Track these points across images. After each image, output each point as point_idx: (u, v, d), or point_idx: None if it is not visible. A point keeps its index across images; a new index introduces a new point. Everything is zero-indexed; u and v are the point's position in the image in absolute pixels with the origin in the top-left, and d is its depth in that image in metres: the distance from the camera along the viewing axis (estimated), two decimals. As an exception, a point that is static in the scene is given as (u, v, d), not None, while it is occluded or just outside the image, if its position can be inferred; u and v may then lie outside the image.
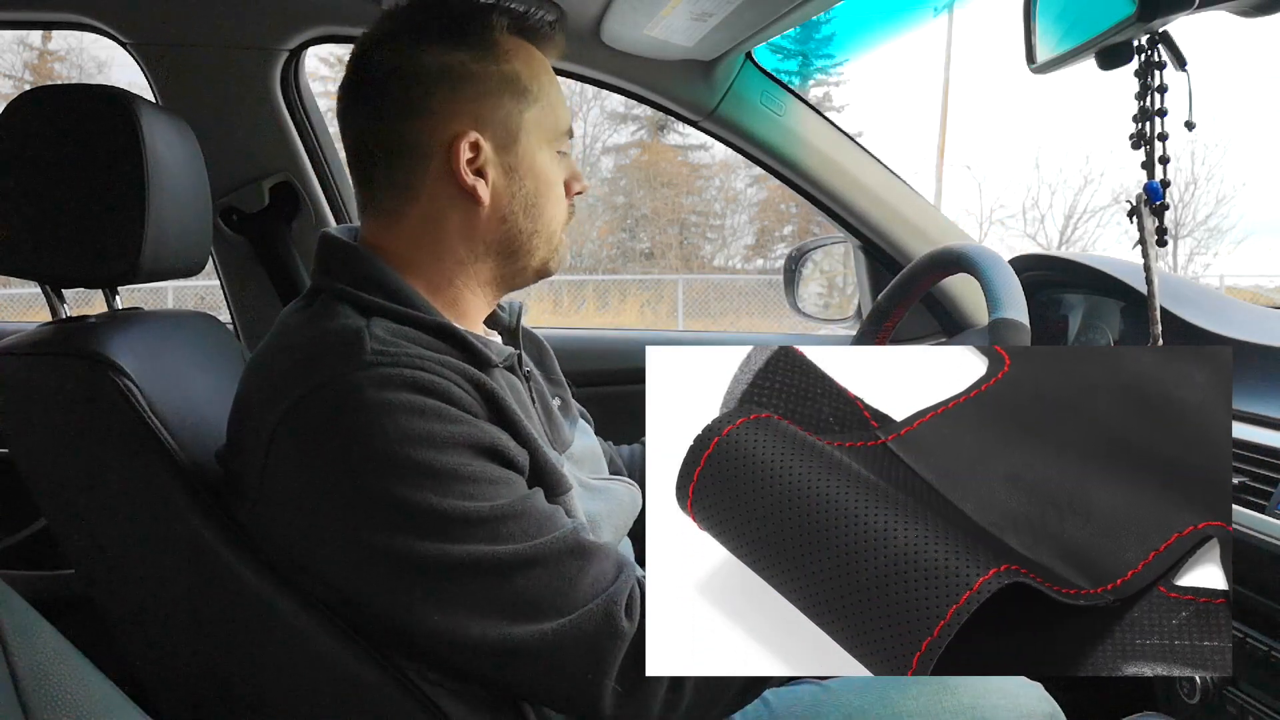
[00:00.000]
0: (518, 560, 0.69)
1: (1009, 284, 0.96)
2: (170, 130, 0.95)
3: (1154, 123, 0.83)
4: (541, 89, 0.84)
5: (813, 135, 1.54)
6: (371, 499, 0.69)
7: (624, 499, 0.92)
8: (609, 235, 15.78)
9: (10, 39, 11.94)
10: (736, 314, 11.81)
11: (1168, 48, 0.81)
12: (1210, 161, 15.86)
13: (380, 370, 0.70)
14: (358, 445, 0.69)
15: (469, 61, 0.80)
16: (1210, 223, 13.75)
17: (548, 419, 0.88)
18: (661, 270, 14.44)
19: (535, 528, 0.71)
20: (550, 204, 0.85)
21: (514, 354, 0.83)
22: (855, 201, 1.57)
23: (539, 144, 0.84)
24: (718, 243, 16.42)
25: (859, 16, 14.57)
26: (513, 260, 0.85)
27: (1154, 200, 0.87)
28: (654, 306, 12.49)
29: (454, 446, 0.70)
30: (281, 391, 0.73)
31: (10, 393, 0.89)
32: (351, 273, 0.80)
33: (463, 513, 0.69)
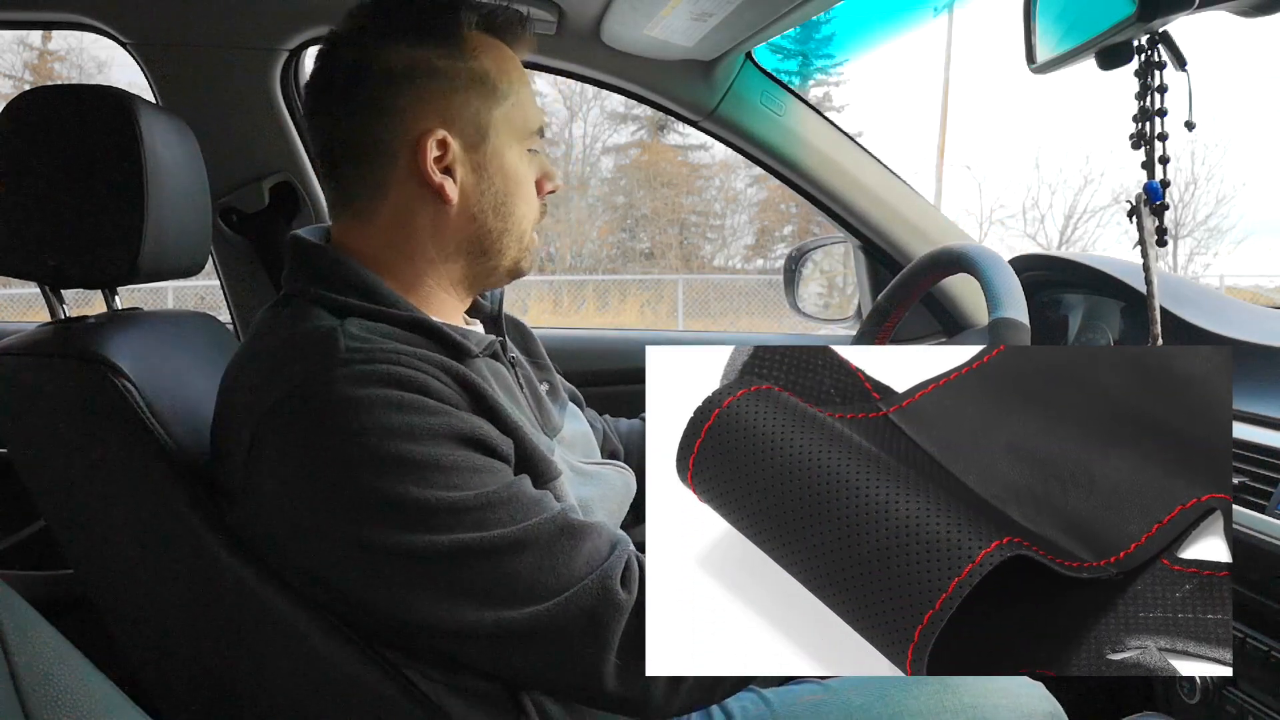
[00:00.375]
0: (507, 544, 0.69)
1: (1009, 284, 0.96)
2: (170, 130, 0.95)
3: (1154, 123, 0.83)
4: (511, 86, 0.83)
5: (813, 135, 1.54)
6: (355, 495, 0.69)
7: (616, 483, 0.92)
8: (609, 235, 15.77)
9: (10, 39, 11.95)
10: (736, 314, 11.81)
11: (1168, 48, 0.81)
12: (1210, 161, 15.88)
13: (355, 368, 0.70)
14: (337, 443, 0.69)
15: (436, 59, 0.80)
16: (1210, 223, 13.77)
17: (536, 404, 0.88)
18: (661, 270, 14.44)
19: (523, 512, 0.71)
20: (520, 202, 0.85)
21: (495, 341, 0.83)
22: (855, 201, 1.57)
23: (508, 142, 0.83)
24: (718, 243, 16.43)
25: (859, 16, 14.59)
26: (484, 259, 0.85)
27: (1154, 200, 0.87)
28: (654, 306, 12.49)
29: (434, 437, 0.70)
30: (259, 395, 0.73)
31: (10, 393, 0.89)
32: (323, 274, 0.79)
33: (449, 502, 0.69)
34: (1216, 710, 0.84)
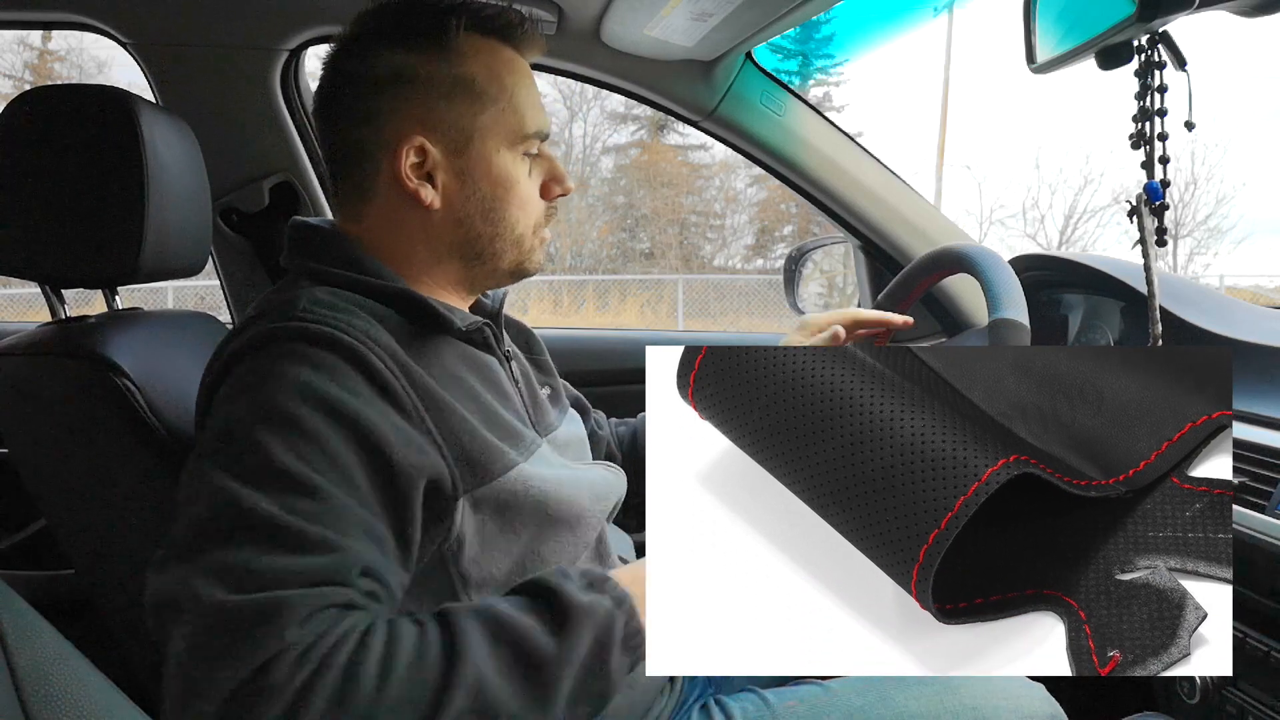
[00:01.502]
0: (267, 527, 0.59)
1: (1009, 284, 0.96)
2: (170, 130, 0.95)
3: (1154, 123, 0.83)
4: (503, 89, 0.82)
5: (813, 135, 1.54)
6: (232, 425, 0.65)
7: (602, 480, 0.90)
8: (609, 235, 15.77)
9: (10, 39, 11.96)
10: (736, 314, 11.81)
11: (1168, 48, 0.81)
12: (1210, 161, 15.93)
13: (298, 325, 0.69)
14: (253, 388, 0.67)
15: (420, 65, 0.80)
16: (1210, 223, 13.78)
17: (532, 401, 0.88)
18: (661, 270, 14.44)
19: (320, 525, 0.61)
20: (511, 207, 0.83)
21: (479, 322, 0.81)
22: (855, 201, 1.57)
23: (496, 147, 0.82)
24: (718, 243, 16.44)
25: (859, 16, 14.59)
26: (478, 263, 0.85)
27: (1154, 200, 0.87)
28: (654, 306, 12.49)
29: (330, 413, 0.65)
30: (219, 355, 0.73)
31: (10, 393, 0.89)
32: (315, 249, 0.81)
33: (291, 473, 0.62)
34: (1216, 710, 0.84)
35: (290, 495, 0.61)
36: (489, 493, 0.74)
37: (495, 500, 0.75)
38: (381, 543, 0.65)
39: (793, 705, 0.87)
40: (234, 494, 0.61)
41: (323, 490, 0.62)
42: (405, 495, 0.68)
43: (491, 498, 0.74)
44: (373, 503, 0.65)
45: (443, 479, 0.71)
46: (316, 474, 0.63)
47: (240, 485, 0.61)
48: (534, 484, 0.77)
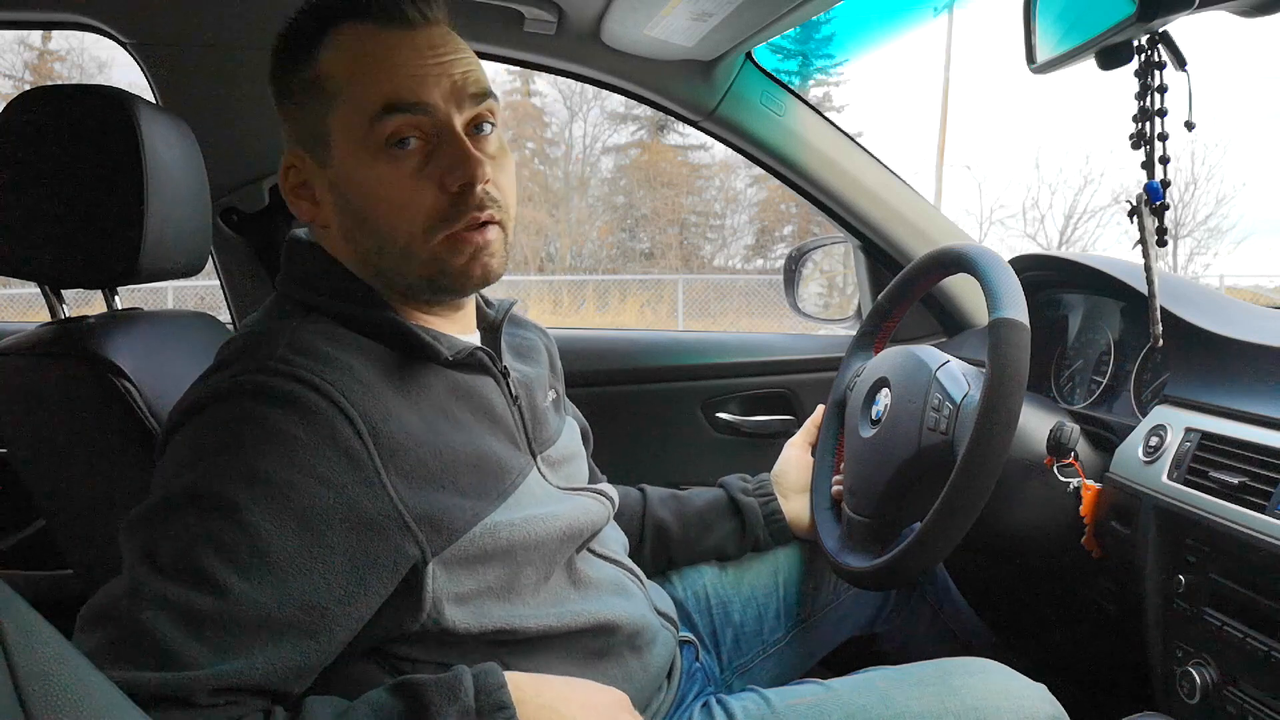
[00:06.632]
0: (174, 613, 0.60)
1: (1009, 284, 0.96)
2: (170, 130, 0.95)
3: (1154, 123, 0.83)
4: (352, 78, 0.71)
5: (813, 135, 1.54)
6: (168, 500, 0.64)
7: (582, 511, 0.86)
8: (609, 235, 15.77)
9: (10, 39, 11.96)
10: (736, 314, 11.80)
11: (1168, 48, 0.81)
12: (1210, 161, 15.92)
13: (264, 380, 0.66)
14: (201, 458, 0.65)
15: (289, 73, 0.76)
16: (1210, 223, 13.78)
17: (532, 418, 0.86)
18: (661, 270, 14.44)
19: (214, 630, 0.60)
20: (386, 213, 0.73)
21: (468, 349, 0.77)
22: (855, 201, 1.57)
23: (350, 146, 0.72)
24: (718, 243, 16.43)
25: (859, 16, 14.58)
26: (399, 278, 0.76)
27: (1154, 200, 0.87)
28: (654, 306, 12.49)
29: (274, 500, 0.63)
30: (188, 394, 0.71)
31: (10, 393, 0.89)
32: (308, 276, 0.78)
33: (196, 564, 0.61)
34: (1216, 710, 0.84)
35: (195, 592, 0.60)
36: (456, 551, 0.72)
37: (463, 556, 0.73)
38: (293, 634, 0.63)
39: (794, 704, 0.87)
40: (146, 576, 0.61)
41: (232, 593, 0.61)
42: (357, 569, 0.66)
43: (459, 555, 0.72)
44: (303, 587, 0.63)
45: (402, 552, 0.69)
46: (235, 571, 0.61)
47: (151, 572, 0.61)
48: (501, 534, 0.75)
